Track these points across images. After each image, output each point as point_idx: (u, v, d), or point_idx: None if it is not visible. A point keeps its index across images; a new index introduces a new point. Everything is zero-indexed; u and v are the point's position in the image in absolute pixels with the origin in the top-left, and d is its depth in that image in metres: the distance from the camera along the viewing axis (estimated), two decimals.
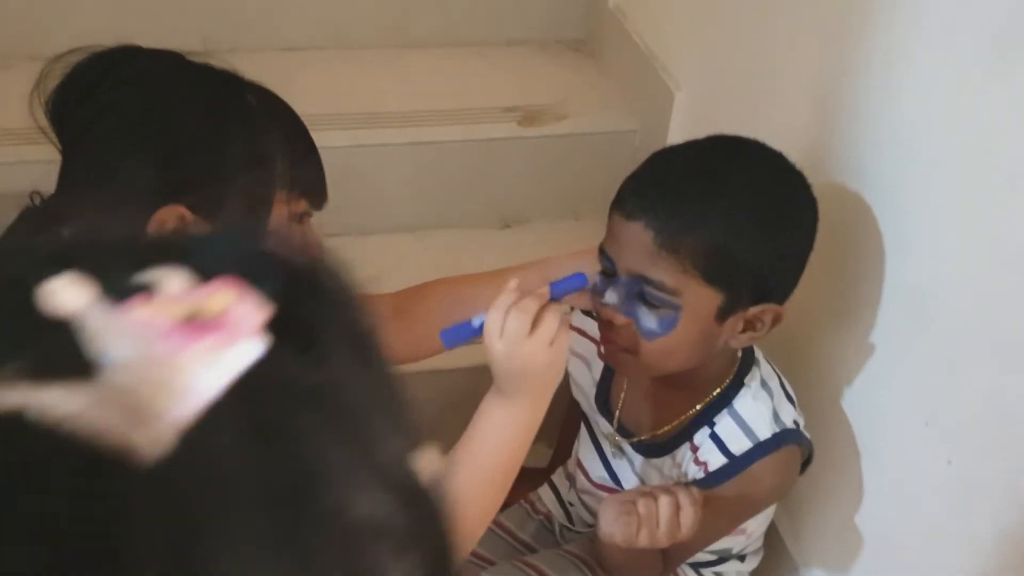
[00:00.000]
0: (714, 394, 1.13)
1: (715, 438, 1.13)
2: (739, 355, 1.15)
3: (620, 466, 1.24)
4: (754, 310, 1.04)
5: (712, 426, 1.13)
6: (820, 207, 1.07)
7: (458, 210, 1.84)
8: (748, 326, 1.05)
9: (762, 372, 1.15)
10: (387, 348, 0.31)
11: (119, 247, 0.27)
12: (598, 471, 1.27)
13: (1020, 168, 0.95)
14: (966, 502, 1.07)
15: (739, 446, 1.12)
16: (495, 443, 0.97)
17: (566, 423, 1.45)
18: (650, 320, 1.02)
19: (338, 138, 1.69)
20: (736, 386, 1.13)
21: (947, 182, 1.05)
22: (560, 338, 0.94)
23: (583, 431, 1.29)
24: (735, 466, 1.12)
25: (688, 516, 1.02)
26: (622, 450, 1.23)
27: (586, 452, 1.28)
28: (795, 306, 1.08)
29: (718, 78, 1.56)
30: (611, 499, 1.06)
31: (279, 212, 0.95)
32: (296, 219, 0.98)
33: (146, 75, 0.94)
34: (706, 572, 1.29)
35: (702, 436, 1.13)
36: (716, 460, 1.12)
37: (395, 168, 1.78)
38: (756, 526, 1.24)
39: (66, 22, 1.69)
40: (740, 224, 1.00)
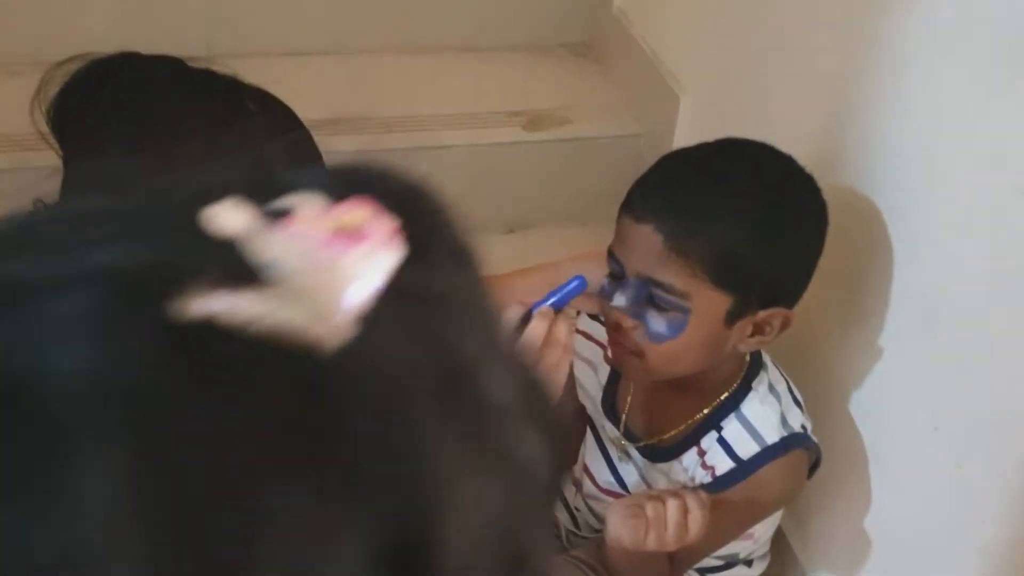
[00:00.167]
0: (721, 398, 1.13)
1: (723, 442, 1.12)
2: (747, 359, 1.14)
3: (626, 471, 1.24)
4: (763, 314, 1.03)
5: (720, 430, 1.13)
6: (829, 211, 1.07)
7: (463, 214, 1.83)
8: (757, 330, 1.05)
9: (770, 376, 1.14)
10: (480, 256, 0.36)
11: (259, 179, 0.31)
12: (604, 476, 1.27)
13: None
14: (975, 506, 1.06)
15: (747, 450, 1.11)
16: None
17: (572, 428, 1.45)
18: (658, 323, 1.01)
19: (342, 143, 1.69)
20: (744, 390, 1.13)
21: (956, 188, 1.05)
22: (557, 355, 0.95)
23: (589, 436, 1.29)
24: (743, 470, 1.11)
25: (696, 519, 1.02)
26: (628, 455, 1.22)
27: (592, 457, 1.28)
28: (803, 310, 1.07)
29: (724, 82, 1.56)
30: (619, 502, 1.05)
31: None
32: None
33: (146, 83, 0.94)
34: None
35: (710, 440, 1.13)
36: (724, 464, 1.12)
37: None
38: (763, 531, 1.23)
39: (71, 28, 1.69)
40: (750, 227, 1.00)
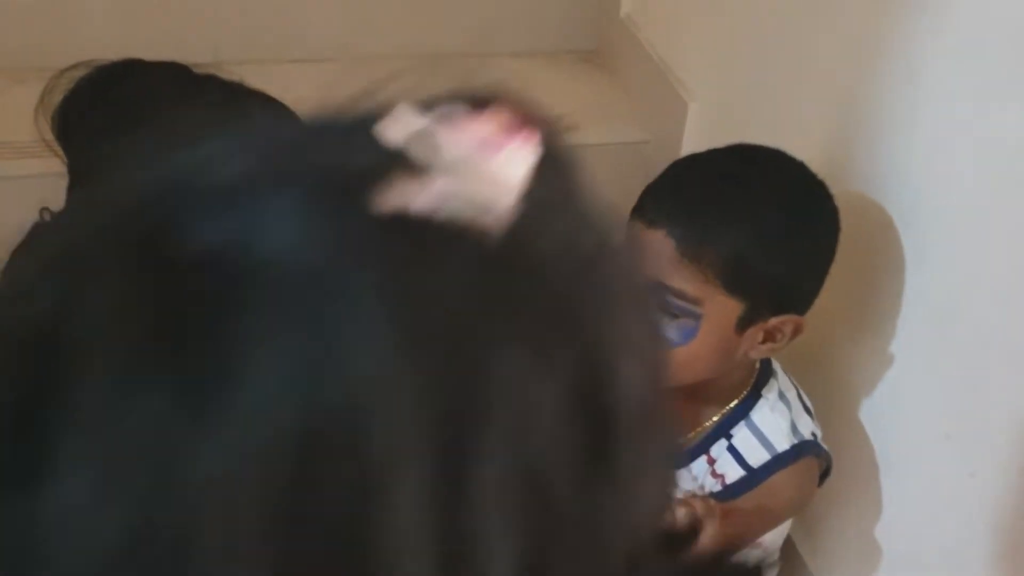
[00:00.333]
0: (731, 405, 1.12)
1: (732, 450, 1.12)
2: (756, 366, 1.14)
3: None
4: (774, 320, 1.03)
5: (730, 438, 1.12)
6: (840, 217, 1.06)
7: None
8: (768, 337, 1.04)
9: (779, 383, 1.14)
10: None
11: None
12: None
13: None
14: (987, 515, 1.05)
15: (757, 458, 1.11)
16: None
17: None
18: (669, 330, 1.01)
19: None
20: (754, 397, 1.12)
21: (967, 194, 1.04)
22: None
23: None
24: (753, 478, 1.11)
25: (706, 528, 1.01)
26: None
27: None
28: (814, 317, 1.07)
29: (732, 89, 1.55)
30: None
31: None
32: None
33: (150, 90, 0.93)
34: None
35: (719, 448, 1.12)
36: (734, 472, 1.11)
37: None
38: (772, 539, 1.23)
39: (78, 34, 1.69)
40: (763, 233, 1.00)
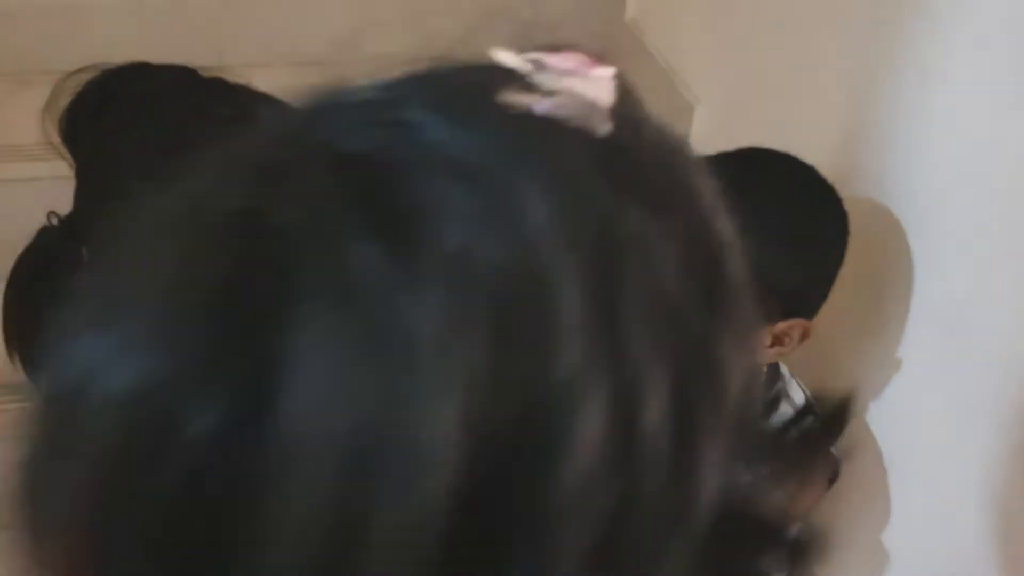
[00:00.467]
0: None
1: None
2: (764, 370, 1.13)
3: None
4: (783, 325, 1.02)
5: None
6: (849, 222, 1.06)
7: None
8: (776, 341, 1.04)
9: (787, 387, 1.13)
10: None
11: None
12: None
13: None
14: (997, 520, 1.05)
15: None
16: None
17: None
18: None
19: None
20: None
21: (978, 197, 1.04)
22: None
23: None
24: None
25: None
26: None
27: None
28: (823, 321, 1.06)
29: (739, 92, 1.55)
30: None
31: None
32: None
33: (158, 93, 0.93)
34: None
35: None
36: None
37: None
38: None
39: (83, 37, 1.69)
40: (771, 236, 0.99)
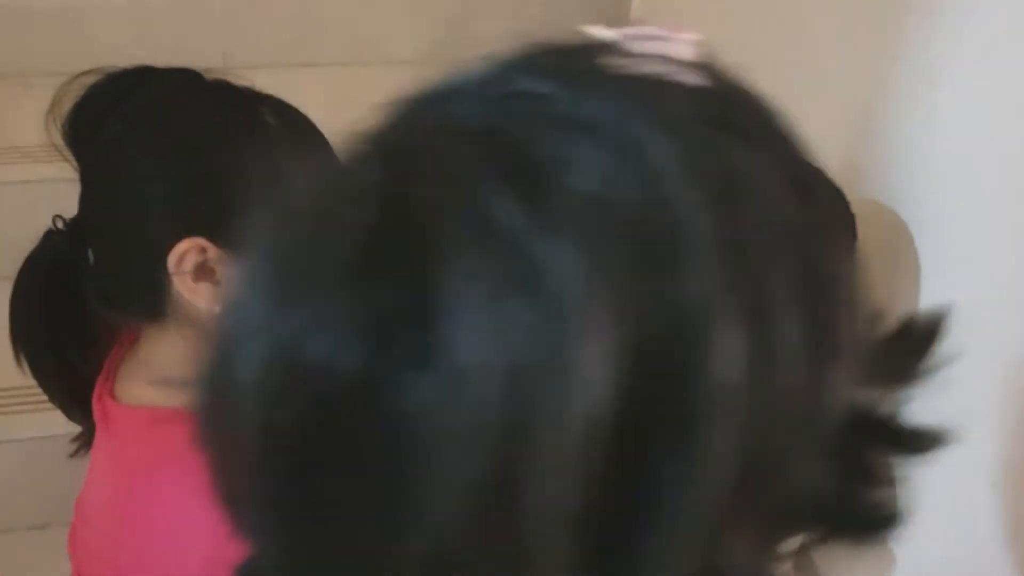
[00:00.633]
0: None
1: None
2: None
3: None
4: None
5: None
6: (856, 224, 1.05)
7: None
8: None
9: None
10: None
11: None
12: None
13: None
14: (1008, 526, 1.04)
15: None
16: None
17: None
18: None
19: None
20: None
21: (986, 201, 1.04)
22: None
23: None
24: None
25: None
26: None
27: None
28: None
29: None
30: None
31: None
32: None
33: (162, 101, 0.92)
34: None
35: None
36: None
37: None
38: (786, 548, 1.21)
39: (86, 39, 1.69)
40: None
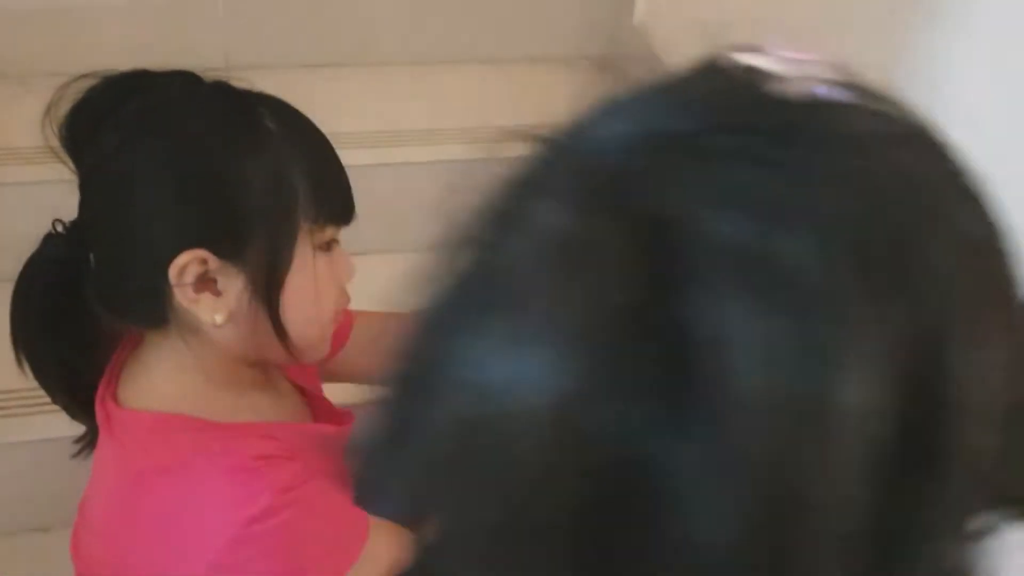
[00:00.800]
0: None
1: None
2: None
3: None
4: None
5: None
6: None
7: None
8: None
9: None
10: None
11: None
12: None
13: None
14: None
15: None
16: None
17: None
18: None
19: (360, 156, 1.67)
20: None
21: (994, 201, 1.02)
22: None
23: None
24: None
25: None
26: None
27: None
28: None
29: None
30: None
31: (303, 247, 0.91)
32: (324, 248, 0.93)
33: (159, 109, 0.90)
34: None
35: None
36: None
37: (420, 186, 1.75)
38: None
39: (86, 40, 1.68)
40: None
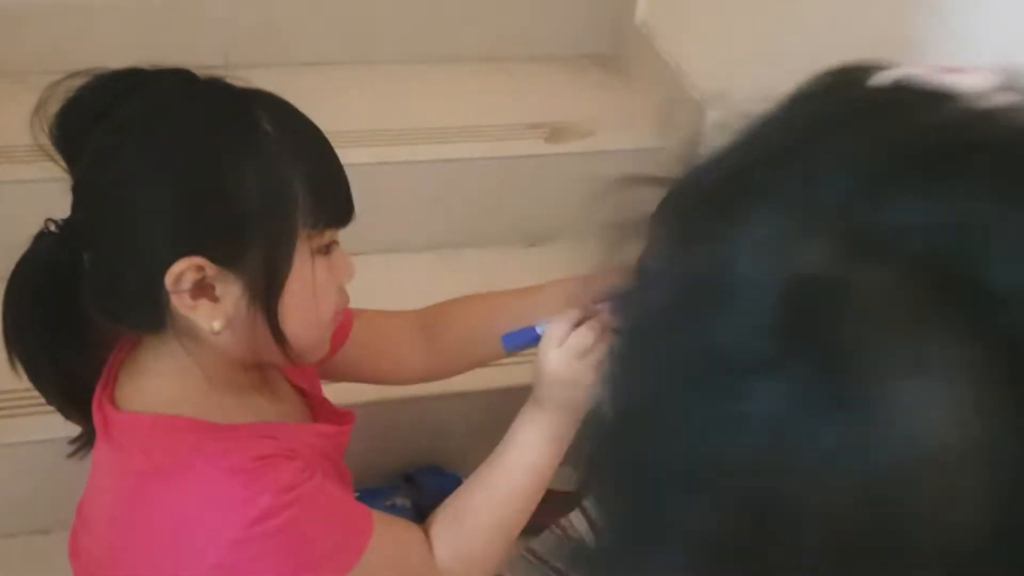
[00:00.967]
0: None
1: None
2: None
3: None
4: None
5: None
6: None
7: (483, 228, 1.80)
8: None
9: None
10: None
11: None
12: None
13: None
14: None
15: None
16: (529, 453, 1.02)
17: None
18: None
19: (362, 155, 1.67)
20: None
21: None
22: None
23: None
24: None
25: None
26: None
27: None
28: None
29: (749, 94, 1.53)
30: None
31: (302, 251, 0.89)
32: (323, 252, 0.92)
33: (153, 111, 0.88)
34: None
35: None
36: None
37: (419, 186, 1.75)
38: None
39: (85, 37, 1.68)
40: None
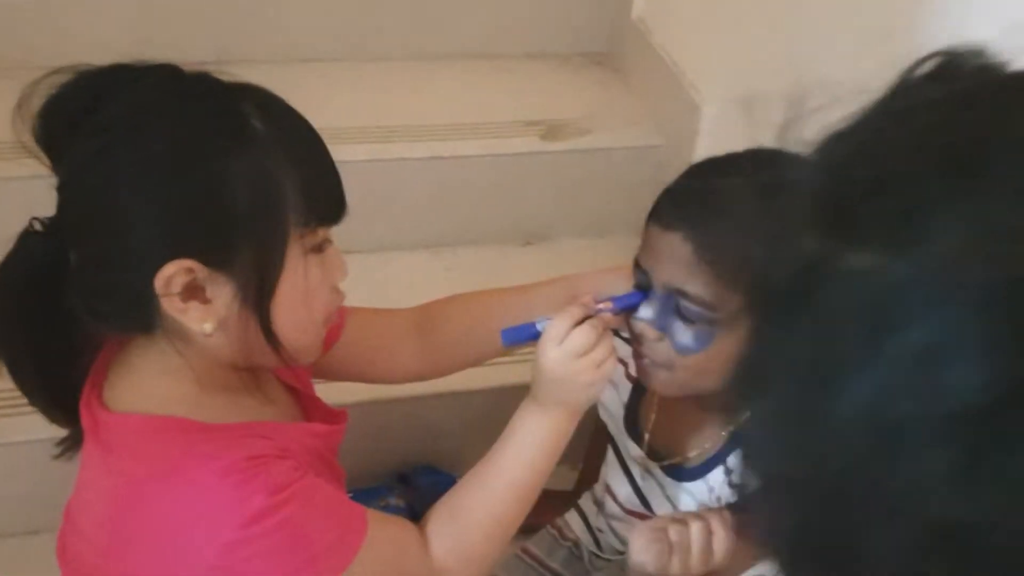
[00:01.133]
0: (748, 415, 1.09)
1: None
2: None
3: (650, 490, 1.20)
4: None
5: None
6: None
7: (479, 226, 1.80)
8: None
9: None
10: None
11: None
12: (627, 496, 1.22)
13: None
14: None
15: None
16: (526, 450, 1.01)
17: (591, 446, 1.42)
18: (686, 336, 0.97)
19: (357, 152, 1.67)
20: None
21: None
22: (607, 365, 0.98)
23: (610, 454, 1.25)
24: None
25: (721, 541, 0.98)
26: (652, 474, 1.18)
27: (614, 476, 1.24)
28: None
29: (746, 92, 1.52)
30: (642, 527, 1.02)
31: (294, 251, 0.88)
32: (316, 251, 0.91)
33: (140, 111, 0.86)
34: None
35: (736, 459, 1.09)
36: None
37: (415, 183, 1.75)
38: None
39: (79, 32, 1.67)
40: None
